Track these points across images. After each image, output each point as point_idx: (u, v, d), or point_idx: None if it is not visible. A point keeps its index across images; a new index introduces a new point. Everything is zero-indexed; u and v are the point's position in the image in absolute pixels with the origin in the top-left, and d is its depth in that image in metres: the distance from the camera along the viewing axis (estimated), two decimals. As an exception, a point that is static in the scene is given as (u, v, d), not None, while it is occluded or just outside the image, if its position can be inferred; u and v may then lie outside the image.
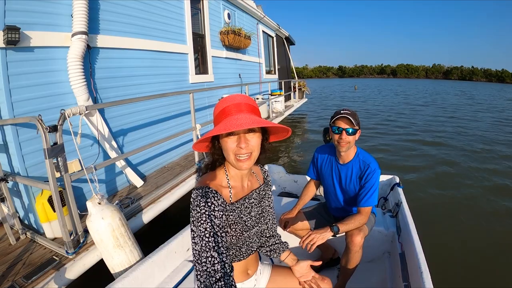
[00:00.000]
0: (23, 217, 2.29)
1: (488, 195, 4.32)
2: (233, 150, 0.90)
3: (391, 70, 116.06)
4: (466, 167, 5.61)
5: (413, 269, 1.41)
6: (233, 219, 0.97)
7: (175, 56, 4.11)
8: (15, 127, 2.09)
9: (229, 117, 0.88)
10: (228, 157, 0.92)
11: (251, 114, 0.90)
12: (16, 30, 2.01)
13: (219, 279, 0.79)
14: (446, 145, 7.34)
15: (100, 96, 2.82)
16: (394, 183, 2.48)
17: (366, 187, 1.62)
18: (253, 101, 0.96)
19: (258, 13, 7.69)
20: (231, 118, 0.87)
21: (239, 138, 0.89)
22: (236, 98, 0.92)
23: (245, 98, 0.94)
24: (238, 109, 0.89)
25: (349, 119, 1.57)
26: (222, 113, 0.90)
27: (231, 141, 0.89)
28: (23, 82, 2.16)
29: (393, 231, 1.96)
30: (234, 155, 0.90)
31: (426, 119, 11.42)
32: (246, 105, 0.91)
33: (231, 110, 0.89)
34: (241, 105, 0.91)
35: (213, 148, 0.98)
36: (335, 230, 1.51)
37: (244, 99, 0.93)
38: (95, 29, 2.75)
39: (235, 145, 0.89)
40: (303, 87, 12.39)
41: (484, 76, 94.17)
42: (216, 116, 0.93)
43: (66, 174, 1.77)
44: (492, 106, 16.67)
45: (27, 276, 1.63)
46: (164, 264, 1.62)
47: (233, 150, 0.90)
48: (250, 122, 0.84)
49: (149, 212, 2.43)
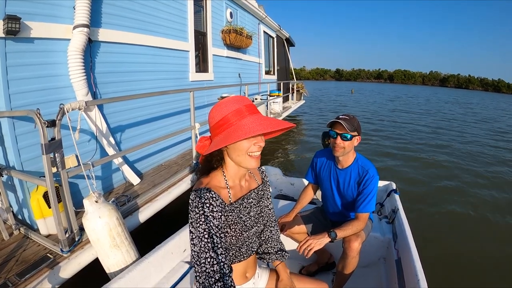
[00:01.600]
0: (17, 212, 2.24)
1: (488, 204, 4.39)
2: (248, 149, 0.90)
3: (388, 75, 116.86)
4: (465, 174, 5.68)
5: (410, 276, 1.41)
6: (233, 220, 0.96)
7: (176, 53, 4.08)
8: (11, 120, 2.04)
9: (246, 118, 0.87)
10: (238, 157, 0.91)
11: (261, 114, 0.92)
12: (17, 20, 1.96)
13: (218, 280, 0.80)
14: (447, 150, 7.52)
15: (100, 91, 2.78)
16: (391, 189, 2.50)
17: (364, 193, 1.63)
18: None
19: (260, 13, 7.68)
20: (251, 118, 0.87)
21: (256, 137, 0.89)
22: (244, 100, 0.92)
23: (248, 99, 0.95)
24: (252, 110, 0.90)
25: (347, 124, 1.56)
26: (238, 113, 0.87)
27: (248, 141, 0.89)
28: (22, 73, 2.12)
29: (389, 237, 1.98)
30: (248, 154, 0.90)
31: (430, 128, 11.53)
32: (255, 107, 0.93)
33: (245, 111, 0.88)
34: (252, 106, 0.91)
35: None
36: (332, 236, 1.51)
37: (250, 101, 0.94)
38: (97, 22, 2.71)
39: (250, 144, 0.89)
40: (301, 89, 12.41)
41: (481, 85, 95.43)
42: (224, 118, 0.88)
43: (63, 170, 1.74)
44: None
45: (20, 274, 1.60)
46: (161, 264, 1.61)
47: (248, 149, 0.90)
48: (280, 123, 0.87)
49: (146, 211, 2.41)
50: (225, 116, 0.88)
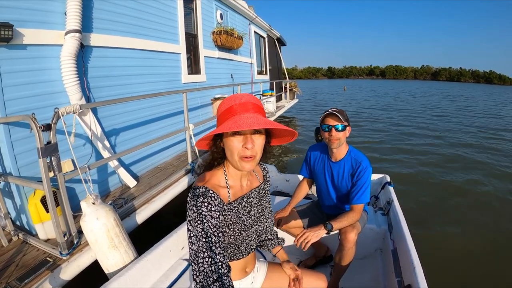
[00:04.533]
0: (15, 218, 2.24)
1: (480, 189, 4.50)
2: (238, 150, 0.87)
3: (380, 71, 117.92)
4: (459, 161, 5.82)
5: (406, 265, 1.44)
6: (231, 219, 0.96)
7: (168, 56, 4.09)
8: (7, 126, 2.05)
9: (236, 115, 0.85)
10: (231, 157, 0.90)
11: (258, 114, 0.87)
12: (9, 27, 1.97)
13: (216, 280, 0.79)
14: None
15: (93, 95, 2.79)
16: (385, 182, 2.54)
17: (358, 185, 1.66)
18: (260, 102, 0.94)
19: (250, 14, 7.72)
20: (239, 116, 0.84)
21: (246, 138, 0.86)
22: (243, 97, 0.90)
23: (252, 97, 0.92)
24: (246, 109, 0.87)
25: (337, 116, 1.62)
26: (229, 111, 0.87)
27: (237, 141, 0.87)
28: (15, 80, 2.12)
29: (384, 229, 2.01)
30: (239, 155, 0.88)
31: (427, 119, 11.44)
32: (253, 105, 0.89)
33: (238, 109, 0.86)
34: (249, 104, 0.88)
35: (214, 146, 0.95)
36: (328, 228, 1.55)
37: (251, 99, 0.90)
38: (89, 27, 2.72)
39: (240, 145, 0.86)
40: (294, 88, 12.48)
41: (472, 77, 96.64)
42: (221, 114, 0.90)
43: (60, 174, 1.75)
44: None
45: (20, 278, 1.60)
46: (160, 262, 1.62)
47: (238, 150, 0.87)
48: (262, 123, 0.82)
49: (143, 213, 2.42)
50: (222, 112, 0.90)
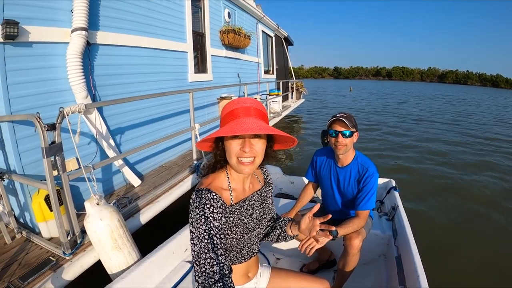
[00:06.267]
0: (19, 216, 2.25)
1: (487, 198, 4.40)
2: (236, 153, 0.89)
3: (386, 73, 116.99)
4: (464, 168, 5.68)
5: (410, 273, 1.42)
6: (233, 221, 0.96)
7: (174, 54, 4.08)
8: (12, 124, 2.05)
9: (236, 119, 0.88)
10: (231, 159, 0.92)
11: (258, 119, 0.89)
12: (15, 24, 1.96)
13: (217, 281, 0.80)
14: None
15: (99, 94, 2.78)
16: (391, 186, 2.51)
17: (364, 191, 1.64)
18: (263, 107, 0.96)
19: (258, 13, 7.68)
20: (238, 121, 0.87)
21: (244, 142, 0.88)
22: (246, 101, 0.92)
23: (255, 102, 0.93)
24: (247, 113, 0.89)
25: (345, 122, 1.58)
26: (230, 114, 0.90)
27: (236, 144, 0.89)
28: (21, 78, 2.12)
29: (389, 234, 1.98)
30: (237, 158, 0.90)
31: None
32: (255, 110, 0.91)
33: (239, 113, 0.89)
34: (250, 109, 0.90)
35: (217, 149, 0.97)
36: (334, 234, 1.52)
37: (253, 103, 0.92)
38: (95, 25, 2.71)
39: (239, 148, 0.89)
40: (301, 88, 12.42)
41: (479, 81, 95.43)
42: (224, 117, 0.92)
43: (64, 173, 1.75)
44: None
45: (23, 277, 1.61)
46: (163, 264, 1.62)
47: (236, 153, 0.89)
48: (257, 128, 0.84)
49: (147, 213, 2.41)
50: (224, 115, 0.93)
